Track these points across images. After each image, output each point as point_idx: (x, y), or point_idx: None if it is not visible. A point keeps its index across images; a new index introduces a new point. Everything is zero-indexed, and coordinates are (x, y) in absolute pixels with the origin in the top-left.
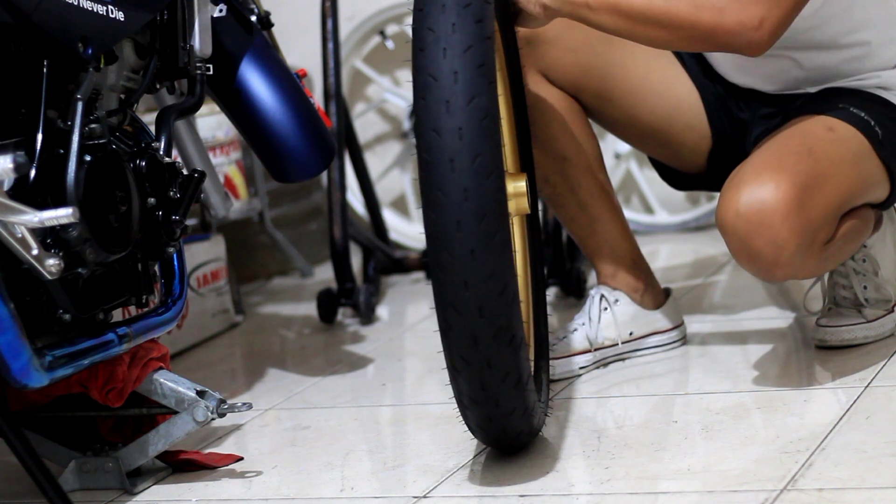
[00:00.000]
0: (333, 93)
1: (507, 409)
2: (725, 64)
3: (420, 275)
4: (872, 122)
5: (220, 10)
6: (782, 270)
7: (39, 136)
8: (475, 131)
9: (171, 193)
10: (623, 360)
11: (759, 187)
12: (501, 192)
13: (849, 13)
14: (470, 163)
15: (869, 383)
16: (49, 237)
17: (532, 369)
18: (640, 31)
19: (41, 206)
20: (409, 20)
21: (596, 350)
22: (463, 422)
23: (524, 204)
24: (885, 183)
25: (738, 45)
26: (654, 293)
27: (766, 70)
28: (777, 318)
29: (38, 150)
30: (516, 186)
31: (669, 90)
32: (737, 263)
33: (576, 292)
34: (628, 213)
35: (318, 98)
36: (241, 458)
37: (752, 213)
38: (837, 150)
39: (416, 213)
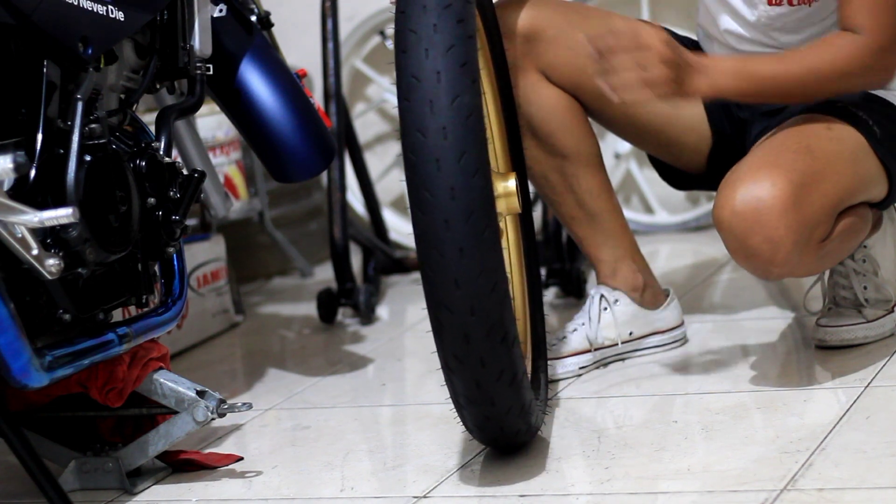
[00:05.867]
0: (333, 93)
1: (504, 407)
2: None
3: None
4: (870, 122)
5: (220, 10)
6: (779, 268)
7: (39, 136)
8: (460, 130)
9: (171, 193)
10: (623, 360)
11: (756, 185)
12: (488, 189)
13: None
14: (456, 161)
15: (869, 383)
16: (49, 237)
17: (529, 368)
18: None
19: (41, 206)
20: None
21: (596, 350)
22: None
23: (515, 203)
24: (883, 181)
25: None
26: (653, 293)
27: None
28: (777, 318)
29: (38, 150)
30: (506, 186)
31: None
32: (735, 262)
33: (576, 292)
34: (628, 213)
35: (318, 98)
36: (241, 458)
37: (749, 210)
38: (835, 147)
39: None
